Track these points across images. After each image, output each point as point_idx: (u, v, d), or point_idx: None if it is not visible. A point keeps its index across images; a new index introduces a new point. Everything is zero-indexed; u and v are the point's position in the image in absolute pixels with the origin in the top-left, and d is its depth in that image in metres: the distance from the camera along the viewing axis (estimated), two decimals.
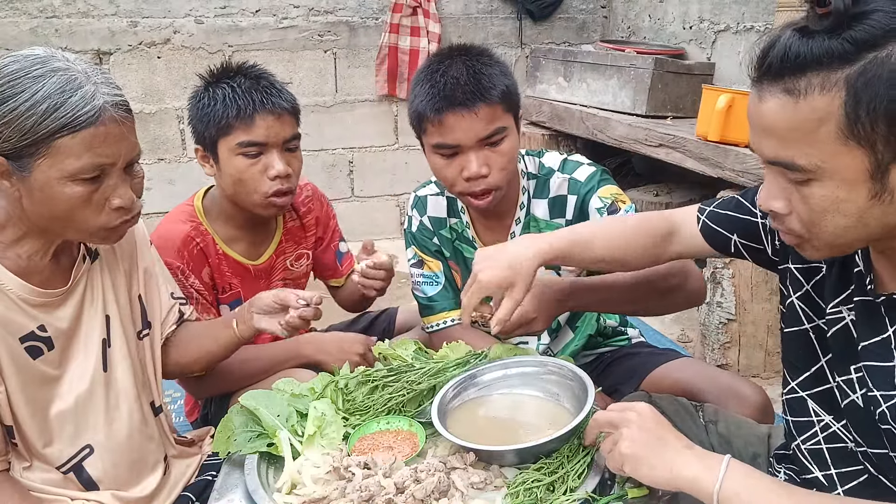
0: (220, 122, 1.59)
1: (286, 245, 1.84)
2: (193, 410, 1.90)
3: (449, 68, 1.49)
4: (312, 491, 1.08)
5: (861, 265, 0.98)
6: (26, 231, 1.16)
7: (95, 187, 1.11)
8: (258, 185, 1.61)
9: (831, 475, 1.05)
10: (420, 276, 1.74)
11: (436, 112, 1.48)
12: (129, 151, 1.14)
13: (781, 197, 0.90)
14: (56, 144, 1.06)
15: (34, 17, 3.51)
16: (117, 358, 1.30)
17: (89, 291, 1.27)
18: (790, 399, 1.12)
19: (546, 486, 1.05)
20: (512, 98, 1.53)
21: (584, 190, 1.62)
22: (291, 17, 3.89)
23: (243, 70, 1.65)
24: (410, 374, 1.33)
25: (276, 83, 1.65)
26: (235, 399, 1.34)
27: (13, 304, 1.15)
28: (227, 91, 1.59)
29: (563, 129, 3.60)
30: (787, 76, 0.84)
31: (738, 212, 1.21)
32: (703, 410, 1.39)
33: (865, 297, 0.96)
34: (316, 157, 4.08)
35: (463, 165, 1.51)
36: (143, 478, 1.33)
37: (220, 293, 1.72)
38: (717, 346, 2.60)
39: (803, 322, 1.09)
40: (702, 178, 2.81)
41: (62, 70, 1.07)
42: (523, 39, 4.30)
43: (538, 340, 1.79)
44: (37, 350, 1.18)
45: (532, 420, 1.25)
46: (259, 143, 1.59)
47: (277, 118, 1.61)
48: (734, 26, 3.39)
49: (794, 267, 1.11)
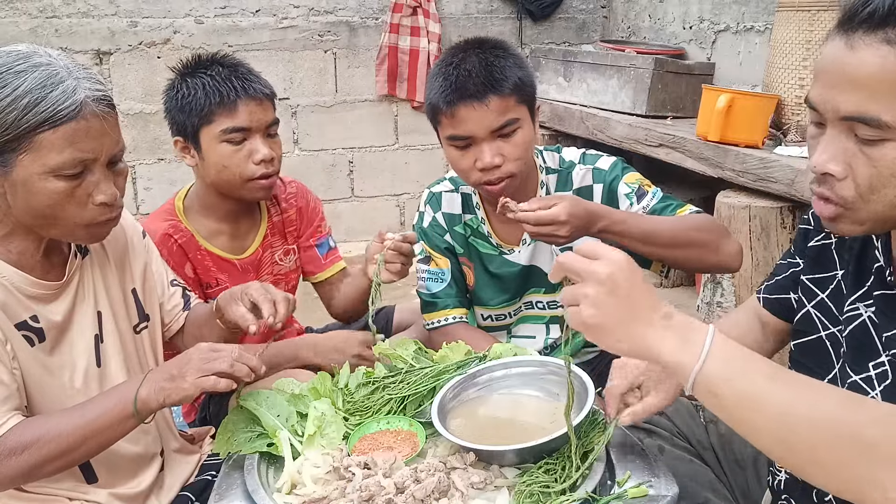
0: (201, 110, 1.61)
1: (273, 239, 1.85)
2: (191, 412, 1.90)
3: (462, 61, 1.51)
4: (312, 491, 1.08)
5: (881, 259, 0.97)
6: (13, 227, 1.16)
7: (78, 183, 1.11)
8: (243, 170, 1.64)
9: None
10: (426, 273, 1.75)
11: (448, 104, 1.51)
12: (111, 146, 1.14)
13: (841, 159, 0.85)
14: (38, 139, 1.06)
15: (34, 17, 3.51)
16: (110, 353, 1.30)
17: (81, 288, 1.27)
18: None
19: (546, 486, 1.05)
20: (525, 89, 1.55)
21: (610, 178, 1.67)
22: (291, 17, 3.89)
23: (218, 60, 1.68)
24: (411, 375, 1.33)
25: (253, 70, 1.69)
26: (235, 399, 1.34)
27: (8, 292, 1.15)
28: (206, 80, 1.61)
29: (563, 129, 3.60)
30: (891, 25, 0.79)
31: (784, 271, 1.20)
32: (704, 410, 1.39)
33: (886, 290, 0.96)
34: (316, 157, 4.08)
35: (477, 156, 1.53)
36: (139, 472, 1.33)
37: (206, 288, 1.74)
38: None
39: (819, 330, 1.09)
40: (702, 178, 2.81)
41: (44, 65, 1.08)
42: (523, 39, 4.30)
43: (546, 335, 1.80)
44: (30, 340, 1.18)
45: (532, 420, 1.24)
46: (243, 128, 1.63)
47: (259, 104, 1.65)
48: (734, 26, 3.39)
49: (806, 278, 1.11)
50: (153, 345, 1.40)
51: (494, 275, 1.76)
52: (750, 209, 2.36)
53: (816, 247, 1.13)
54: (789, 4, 2.50)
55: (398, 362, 1.39)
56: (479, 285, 1.79)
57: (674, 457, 1.29)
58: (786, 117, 2.55)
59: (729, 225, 2.40)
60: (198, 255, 1.71)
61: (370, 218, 4.30)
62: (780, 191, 2.31)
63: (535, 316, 1.82)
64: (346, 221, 4.24)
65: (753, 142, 2.49)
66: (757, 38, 3.24)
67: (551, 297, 1.78)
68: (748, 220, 2.37)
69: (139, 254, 1.40)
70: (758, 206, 2.36)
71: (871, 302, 0.98)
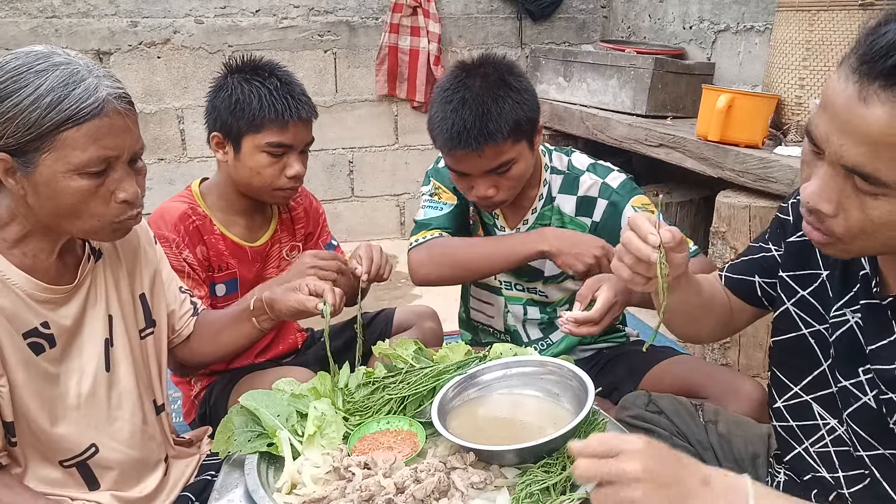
0: (253, 119, 1.67)
1: (281, 234, 1.91)
2: (191, 411, 1.90)
3: (461, 105, 1.54)
4: (312, 491, 1.08)
5: (867, 268, 0.97)
6: (31, 229, 1.16)
7: (101, 181, 1.12)
8: (274, 181, 1.72)
9: (838, 477, 1.05)
10: (427, 201, 1.82)
11: (444, 147, 1.59)
12: (132, 144, 1.14)
13: (835, 199, 0.83)
14: (61, 137, 1.06)
15: (34, 17, 3.51)
16: (119, 357, 1.30)
17: (93, 291, 1.27)
18: (792, 405, 1.11)
19: (546, 486, 1.05)
20: (523, 128, 1.58)
21: (617, 197, 1.70)
22: (291, 17, 3.89)
23: (273, 71, 1.72)
24: (411, 375, 1.33)
25: (304, 90, 1.75)
26: (235, 399, 1.34)
27: (18, 299, 1.14)
28: (262, 91, 1.67)
29: (563, 129, 3.60)
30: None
31: (753, 253, 1.19)
32: (703, 410, 1.39)
33: (871, 299, 0.96)
34: (316, 158, 4.08)
35: (472, 185, 1.62)
36: (144, 477, 1.33)
37: (216, 272, 1.77)
38: (716, 345, 2.60)
39: (800, 327, 1.08)
40: (702, 178, 2.81)
41: (64, 64, 1.08)
42: (523, 39, 4.30)
43: (524, 315, 1.87)
44: (39, 347, 1.17)
45: (532, 420, 1.25)
46: (287, 145, 1.70)
47: (305, 125, 1.73)
48: (734, 26, 3.39)
49: (786, 275, 1.11)
50: (157, 352, 1.40)
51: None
52: (750, 209, 2.36)
53: (797, 243, 1.11)
54: (789, 4, 2.50)
55: (398, 362, 1.39)
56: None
57: None
58: (786, 117, 2.56)
59: (729, 225, 2.41)
60: (212, 237, 1.75)
61: (370, 218, 4.31)
62: (780, 191, 2.32)
63: (514, 297, 1.87)
64: (346, 221, 4.25)
65: (753, 142, 2.49)
66: (757, 38, 3.24)
67: (531, 284, 1.83)
68: (748, 220, 2.37)
69: (150, 259, 1.40)
70: (758, 205, 2.36)
71: (857, 308, 0.98)
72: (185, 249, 1.68)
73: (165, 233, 1.65)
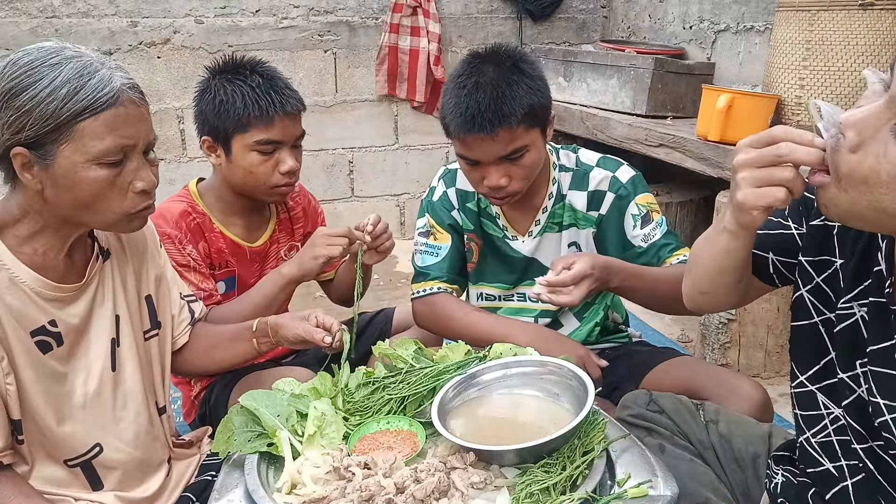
0: (238, 119, 1.66)
1: (280, 235, 1.91)
2: (191, 412, 1.90)
3: (475, 89, 1.53)
4: (312, 491, 1.08)
5: (883, 265, 0.97)
6: (43, 225, 1.17)
7: (118, 171, 1.13)
8: (268, 178, 1.71)
9: (841, 466, 1.05)
10: (423, 245, 1.80)
11: (457, 133, 1.56)
12: (147, 133, 1.17)
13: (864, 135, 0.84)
14: (79, 128, 1.08)
15: (34, 17, 3.51)
16: (125, 357, 1.30)
17: (101, 290, 1.27)
18: (799, 393, 1.11)
19: (546, 486, 1.05)
20: (536, 114, 1.57)
21: (624, 192, 1.70)
22: (291, 17, 3.89)
23: (254, 67, 1.71)
24: (411, 375, 1.33)
25: (288, 83, 1.73)
26: (235, 399, 1.34)
27: (27, 297, 1.15)
28: (244, 89, 1.66)
29: (563, 129, 3.60)
30: None
31: (770, 227, 1.15)
32: (704, 409, 1.39)
33: (880, 298, 0.95)
34: (316, 157, 4.08)
35: (484, 175, 1.59)
36: (147, 478, 1.33)
37: (216, 269, 1.77)
38: (717, 345, 2.60)
39: (812, 315, 1.08)
40: (702, 178, 2.81)
41: (76, 57, 1.10)
42: (523, 39, 4.29)
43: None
44: (46, 345, 1.18)
45: (532, 420, 1.25)
46: (276, 141, 1.69)
47: (293, 119, 1.71)
48: (734, 26, 3.39)
49: (805, 259, 1.10)
50: (161, 355, 1.39)
51: (498, 255, 1.81)
52: None
53: (818, 225, 1.09)
54: (789, 4, 2.50)
55: (398, 362, 1.39)
56: (482, 262, 1.83)
57: (674, 456, 1.29)
58: (786, 117, 2.55)
59: None
60: (213, 235, 1.76)
61: None
62: None
63: (527, 309, 1.85)
64: (346, 221, 4.24)
65: None
66: (757, 38, 3.24)
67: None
68: None
69: (156, 261, 1.40)
70: None
71: (865, 302, 0.98)
72: (188, 245, 1.68)
73: (168, 230, 1.65)
